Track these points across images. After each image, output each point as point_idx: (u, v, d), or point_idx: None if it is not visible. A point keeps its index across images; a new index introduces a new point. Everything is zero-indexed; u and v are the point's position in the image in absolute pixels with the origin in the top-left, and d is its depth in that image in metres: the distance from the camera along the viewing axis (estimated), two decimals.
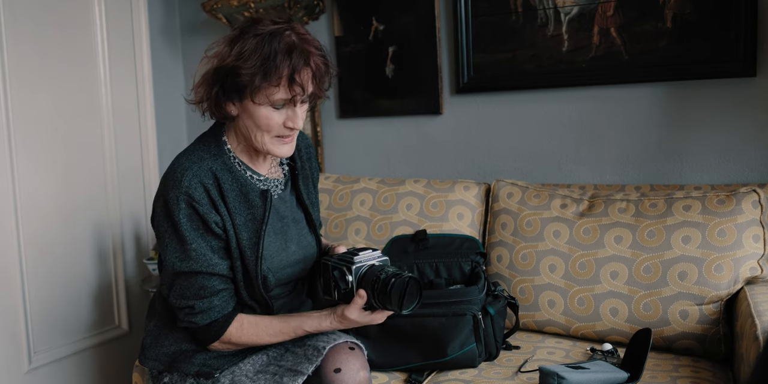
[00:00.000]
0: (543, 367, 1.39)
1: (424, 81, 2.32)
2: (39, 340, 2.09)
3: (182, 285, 1.36)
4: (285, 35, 1.31)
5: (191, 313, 1.37)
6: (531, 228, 1.85)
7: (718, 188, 1.85)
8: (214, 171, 1.37)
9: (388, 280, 1.30)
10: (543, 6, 2.09)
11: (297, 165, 1.52)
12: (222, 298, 1.38)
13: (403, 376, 1.62)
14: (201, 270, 1.35)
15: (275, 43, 1.30)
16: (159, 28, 2.67)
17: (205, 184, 1.35)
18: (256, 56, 1.29)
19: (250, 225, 1.38)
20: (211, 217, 1.35)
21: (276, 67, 1.29)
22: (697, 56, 1.92)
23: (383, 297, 1.30)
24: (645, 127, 2.04)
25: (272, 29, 1.31)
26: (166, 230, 1.36)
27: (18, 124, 2.00)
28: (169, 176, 1.37)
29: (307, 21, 2.47)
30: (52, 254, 2.12)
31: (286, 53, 1.29)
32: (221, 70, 1.32)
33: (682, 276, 1.64)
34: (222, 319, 1.38)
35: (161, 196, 1.36)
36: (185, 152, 1.42)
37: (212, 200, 1.35)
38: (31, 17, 2.03)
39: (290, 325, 1.40)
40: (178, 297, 1.37)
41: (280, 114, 1.34)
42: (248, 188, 1.40)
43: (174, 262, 1.35)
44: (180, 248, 1.35)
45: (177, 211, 1.33)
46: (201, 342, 1.41)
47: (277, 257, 1.43)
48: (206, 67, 1.37)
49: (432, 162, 2.38)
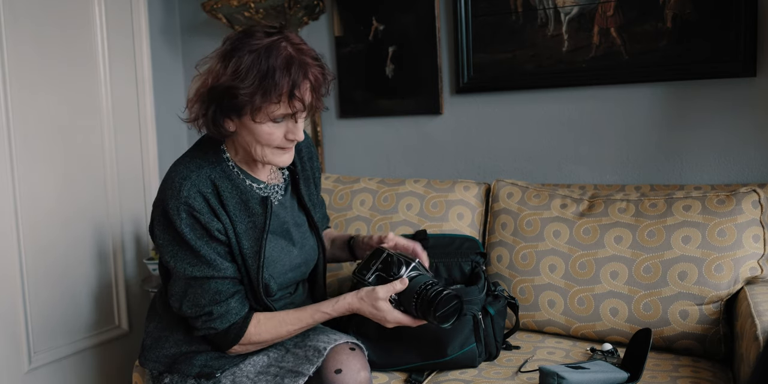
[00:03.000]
0: (543, 367, 1.39)
1: (424, 81, 2.32)
2: (39, 340, 2.09)
3: (196, 293, 1.35)
4: (281, 48, 1.27)
5: (210, 319, 1.36)
6: (531, 228, 1.85)
7: (718, 188, 1.85)
8: (212, 179, 1.36)
9: (438, 292, 1.34)
10: (543, 6, 2.09)
11: (297, 168, 1.51)
12: (238, 300, 1.38)
13: (403, 376, 1.62)
14: (213, 274, 1.34)
15: (272, 58, 1.26)
16: (159, 28, 2.67)
17: (204, 194, 1.34)
18: (254, 74, 1.25)
19: (251, 233, 1.38)
20: (213, 224, 1.34)
21: (275, 84, 1.25)
22: (697, 56, 1.92)
23: (426, 305, 1.34)
24: (645, 127, 2.04)
25: (267, 43, 1.27)
26: (170, 240, 1.35)
27: (18, 124, 2.00)
28: (167, 185, 1.35)
29: (307, 21, 2.47)
30: (52, 254, 2.12)
31: (285, 69, 1.26)
32: (217, 89, 1.28)
33: (682, 276, 1.64)
34: (240, 320, 1.37)
35: (160, 205, 1.35)
36: (183, 159, 1.40)
37: (212, 209, 1.34)
38: (31, 17, 2.03)
39: (307, 311, 1.40)
40: (192, 306, 1.36)
41: (280, 127, 1.32)
42: (248, 196, 1.39)
43: (185, 268, 1.34)
44: (190, 254, 1.34)
45: (178, 221, 1.32)
46: (221, 347, 1.40)
47: (279, 262, 1.43)
48: (199, 84, 1.33)
49: (432, 162, 2.38)
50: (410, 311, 1.38)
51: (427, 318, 1.36)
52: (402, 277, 1.39)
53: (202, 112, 1.33)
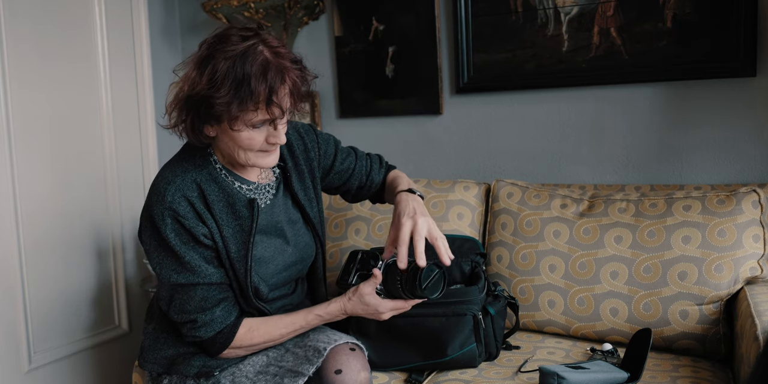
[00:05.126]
0: (543, 367, 1.39)
1: (424, 81, 2.32)
2: (39, 340, 2.09)
3: (182, 299, 1.35)
4: (257, 53, 1.24)
5: (194, 327, 1.36)
6: (531, 228, 1.85)
7: (718, 188, 1.85)
8: (198, 183, 1.34)
9: (417, 267, 1.34)
10: (543, 6, 2.09)
11: (288, 165, 1.48)
12: (224, 308, 1.37)
13: (403, 376, 1.62)
14: (199, 281, 1.34)
15: (248, 65, 1.22)
16: (159, 27, 2.67)
17: (189, 198, 1.32)
18: (229, 83, 1.21)
19: (238, 236, 1.36)
20: (199, 229, 1.33)
21: (251, 92, 1.22)
22: (697, 56, 1.92)
23: (411, 283, 1.34)
24: (645, 127, 2.04)
25: (243, 49, 1.23)
26: (156, 246, 1.34)
27: (18, 124, 2.00)
28: (153, 190, 1.34)
29: (307, 21, 2.47)
30: (51, 254, 2.11)
31: (261, 75, 1.22)
32: (194, 98, 1.26)
33: (682, 276, 1.64)
34: (227, 329, 1.37)
35: (146, 210, 1.34)
36: (169, 164, 1.39)
37: (198, 213, 1.33)
38: (31, 17, 2.03)
39: (300, 314, 1.41)
40: (179, 312, 1.36)
41: (261, 132, 1.30)
42: (235, 199, 1.37)
43: (170, 274, 1.33)
44: (175, 261, 1.33)
45: (163, 226, 1.31)
46: (209, 353, 1.40)
47: (273, 262, 1.42)
48: (177, 90, 1.30)
49: (432, 162, 2.38)
50: (399, 296, 1.39)
51: (416, 295, 1.36)
52: (375, 268, 1.40)
53: (181, 119, 1.32)
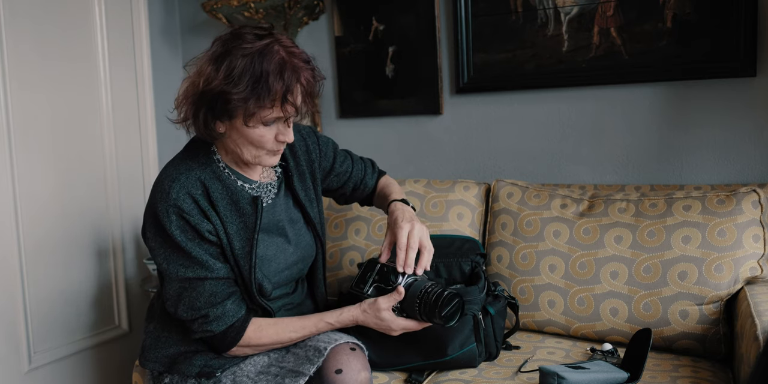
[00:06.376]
0: (543, 367, 1.39)
1: (424, 81, 2.32)
2: (39, 340, 2.09)
3: (191, 295, 1.35)
4: (274, 52, 1.26)
5: (206, 322, 1.36)
6: (531, 228, 1.85)
7: (718, 188, 1.85)
8: (202, 180, 1.35)
9: (439, 294, 1.37)
10: (543, 6, 2.09)
11: (289, 165, 1.50)
12: (234, 302, 1.38)
13: (403, 376, 1.62)
14: (207, 275, 1.34)
15: (266, 62, 1.25)
16: (159, 28, 2.67)
17: (193, 195, 1.33)
18: (247, 79, 1.24)
19: (242, 233, 1.37)
20: (204, 226, 1.34)
21: (269, 89, 1.25)
22: (697, 56, 1.92)
23: (430, 308, 1.36)
24: (645, 127, 2.04)
25: (260, 47, 1.26)
26: (162, 243, 1.34)
27: (18, 125, 2.00)
28: (157, 188, 1.35)
29: (307, 21, 2.47)
30: (52, 254, 2.12)
31: (278, 73, 1.25)
32: (209, 93, 1.27)
33: (682, 276, 1.64)
34: (238, 323, 1.37)
35: (150, 209, 1.35)
36: (173, 162, 1.40)
37: (202, 210, 1.34)
38: (30, 17, 2.03)
39: (311, 320, 1.41)
40: (188, 309, 1.36)
41: (271, 130, 1.32)
42: (238, 196, 1.38)
43: (178, 269, 1.34)
44: (182, 256, 1.34)
45: (168, 223, 1.32)
46: (218, 349, 1.40)
47: (275, 261, 1.43)
48: (189, 85, 1.32)
49: (432, 162, 2.38)
50: (414, 316, 1.41)
51: (432, 320, 1.39)
52: (400, 285, 1.41)
53: (191, 114, 1.33)
